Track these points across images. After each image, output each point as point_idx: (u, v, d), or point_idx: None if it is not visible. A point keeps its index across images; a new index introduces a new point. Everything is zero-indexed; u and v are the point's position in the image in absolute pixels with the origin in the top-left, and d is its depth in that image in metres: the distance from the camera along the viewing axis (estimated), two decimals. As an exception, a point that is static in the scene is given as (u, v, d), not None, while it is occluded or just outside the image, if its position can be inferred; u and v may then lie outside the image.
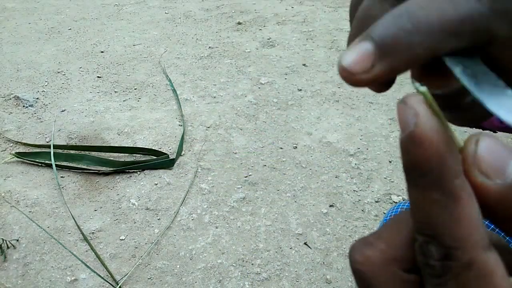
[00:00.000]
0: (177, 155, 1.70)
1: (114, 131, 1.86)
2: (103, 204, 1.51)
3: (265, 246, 1.37)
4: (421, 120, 0.17)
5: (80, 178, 1.62)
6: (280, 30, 2.74)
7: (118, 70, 2.31)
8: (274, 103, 2.04)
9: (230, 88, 2.16)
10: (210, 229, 1.43)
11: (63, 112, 1.98)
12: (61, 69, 2.30)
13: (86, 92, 2.12)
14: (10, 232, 1.40)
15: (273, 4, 3.13)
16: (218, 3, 3.17)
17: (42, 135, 1.83)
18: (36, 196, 1.54)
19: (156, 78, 2.24)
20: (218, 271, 1.30)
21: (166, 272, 1.30)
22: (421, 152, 0.16)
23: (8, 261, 1.31)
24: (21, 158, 1.68)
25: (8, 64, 2.34)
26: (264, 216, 1.47)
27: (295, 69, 2.31)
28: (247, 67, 2.33)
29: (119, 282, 1.26)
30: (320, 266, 1.31)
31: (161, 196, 1.54)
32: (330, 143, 1.80)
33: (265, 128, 1.88)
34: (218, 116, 1.95)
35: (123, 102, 2.05)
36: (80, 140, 1.81)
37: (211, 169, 1.66)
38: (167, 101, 2.06)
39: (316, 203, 1.52)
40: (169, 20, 2.91)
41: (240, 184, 1.59)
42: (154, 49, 2.52)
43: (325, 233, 1.42)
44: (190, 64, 2.37)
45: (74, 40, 2.63)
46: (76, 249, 1.35)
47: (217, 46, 2.56)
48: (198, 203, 1.52)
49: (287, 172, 1.65)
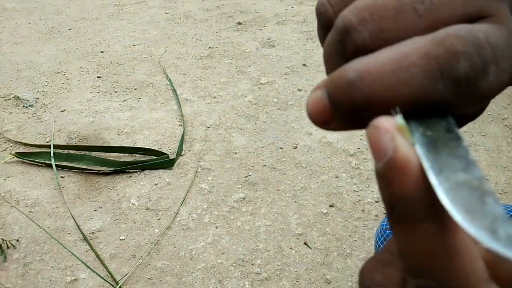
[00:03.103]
0: (177, 155, 1.70)
1: (114, 131, 1.86)
2: (103, 204, 1.51)
3: (265, 246, 1.37)
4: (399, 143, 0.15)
5: (80, 178, 1.62)
6: (280, 30, 2.74)
7: (118, 70, 2.31)
8: (274, 103, 2.04)
9: (230, 88, 2.16)
10: (210, 229, 1.43)
11: (63, 112, 1.98)
12: (61, 69, 2.30)
13: (86, 92, 2.12)
14: (10, 232, 1.40)
15: (273, 4, 3.13)
16: (218, 3, 3.17)
17: (42, 135, 1.83)
18: (36, 196, 1.54)
19: (156, 78, 2.24)
20: (218, 271, 1.30)
21: (166, 272, 1.30)
22: (406, 180, 0.14)
23: (8, 261, 1.31)
24: (21, 158, 1.68)
25: (8, 64, 2.34)
26: (264, 216, 1.47)
27: (295, 69, 2.31)
28: (247, 67, 2.33)
29: (119, 282, 1.26)
30: (320, 266, 1.31)
31: (161, 196, 1.54)
32: (330, 143, 1.80)
33: (265, 128, 1.88)
34: (218, 116, 1.95)
35: (123, 102, 2.05)
36: (80, 140, 1.81)
37: (211, 169, 1.66)
38: (167, 101, 2.06)
39: (316, 203, 1.52)
40: (169, 20, 2.91)
41: (240, 184, 1.59)
42: (154, 49, 2.52)
43: (325, 233, 1.42)
44: (190, 64, 2.37)
45: (74, 40, 2.63)
46: (76, 249, 1.35)
47: (217, 46, 2.56)
48: (198, 203, 1.52)
49: (287, 172, 1.65)
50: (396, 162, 0.15)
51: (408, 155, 0.15)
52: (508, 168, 1.69)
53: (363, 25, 0.17)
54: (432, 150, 0.15)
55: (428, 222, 0.15)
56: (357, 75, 0.16)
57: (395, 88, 0.16)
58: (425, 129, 0.16)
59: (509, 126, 1.92)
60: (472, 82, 0.16)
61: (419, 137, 0.16)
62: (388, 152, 0.15)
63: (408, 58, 0.16)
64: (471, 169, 0.15)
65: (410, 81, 0.16)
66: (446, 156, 0.15)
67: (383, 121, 0.15)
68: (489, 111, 2.01)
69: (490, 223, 0.13)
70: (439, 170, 0.14)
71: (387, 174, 0.15)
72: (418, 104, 0.16)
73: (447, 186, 0.14)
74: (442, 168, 0.14)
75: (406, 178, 0.14)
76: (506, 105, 2.05)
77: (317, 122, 0.18)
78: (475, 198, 0.14)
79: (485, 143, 1.82)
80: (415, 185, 0.14)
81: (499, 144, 1.82)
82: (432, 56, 0.16)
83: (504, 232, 0.13)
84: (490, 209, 0.14)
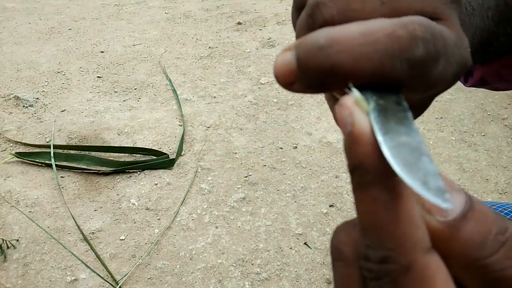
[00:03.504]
0: (177, 155, 1.70)
1: (114, 131, 1.86)
2: (103, 204, 1.51)
3: (265, 246, 1.37)
4: (356, 118, 0.17)
5: (80, 178, 1.62)
6: (280, 30, 2.74)
7: (118, 70, 2.31)
8: (274, 103, 2.04)
9: (230, 88, 2.16)
10: (210, 229, 1.43)
11: (63, 112, 1.98)
12: (61, 69, 2.30)
13: (86, 92, 2.12)
14: (10, 232, 1.40)
15: (273, 4, 3.13)
16: (218, 3, 3.17)
17: (42, 135, 1.83)
18: (36, 196, 1.54)
19: (156, 78, 2.24)
20: (218, 271, 1.30)
21: (166, 272, 1.30)
22: (360, 150, 0.16)
23: (8, 261, 1.31)
24: (21, 158, 1.68)
25: (8, 64, 2.34)
26: (264, 216, 1.47)
27: (295, 69, 2.31)
28: (247, 67, 2.33)
29: (119, 282, 1.26)
30: (320, 266, 1.32)
31: (161, 196, 1.54)
32: (330, 143, 1.80)
33: (265, 128, 1.88)
34: (218, 116, 1.95)
35: (123, 102, 2.05)
36: (80, 140, 1.81)
37: (211, 169, 1.66)
38: (167, 101, 2.06)
39: (316, 203, 1.52)
40: (169, 20, 2.91)
41: (240, 184, 1.59)
42: (154, 49, 2.52)
43: (325, 233, 1.42)
44: (190, 64, 2.37)
45: (74, 40, 2.63)
46: (76, 249, 1.35)
47: (217, 46, 2.56)
48: (198, 203, 1.52)
49: (287, 172, 1.65)
50: (353, 135, 0.16)
51: (363, 129, 0.16)
52: (508, 168, 1.69)
53: (332, 1, 0.19)
54: (382, 117, 0.17)
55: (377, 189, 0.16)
56: (327, 42, 0.18)
57: (358, 60, 0.17)
58: (378, 99, 0.18)
59: (509, 126, 1.92)
60: (424, 66, 0.18)
61: (372, 104, 0.18)
62: (348, 127, 0.17)
63: (375, 34, 0.17)
64: (413, 135, 0.17)
65: (373, 55, 0.17)
66: (394, 123, 0.17)
67: (345, 98, 0.17)
68: (489, 111, 2.01)
69: (423, 176, 0.16)
70: (385, 132, 0.17)
71: (347, 145, 0.17)
72: (375, 78, 0.18)
73: (391, 145, 0.16)
74: (389, 131, 0.17)
75: (360, 148, 0.16)
76: (506, 105, 2.05)
77: (282, 83, 0.19)
78: (413, 157, 0.16)
79: (485, 143, 1.82)
80: (367, 155, 0.16)
81: (499, 144, 1.82)
82: (395, 36, 0.17)
83: (434, 184, 0.16)
84: (424, 166, 0.16)
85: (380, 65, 0.17)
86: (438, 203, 0.15)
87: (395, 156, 0.16)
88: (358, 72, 0.18)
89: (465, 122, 1.94)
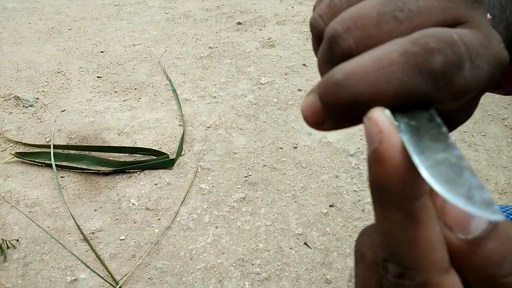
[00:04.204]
0: (177, 155, 1.70)
1: (114, 131, 1.86)
2: (103, 204, 1.51)
3: (265, 246, 1.37)
4: (384, 137, 0.16)
5: (80, 178, 1.62)
6: (280, 30, 2.74)
7: (118, 70, 2.31)
8: (274, 103, 2.04)
9: (230, 88, 2.16)
10: (210, 229, 1.43)
11: (63, 112, 1.98)
12: (61, 69, 2.30)
13: (86, 92, 2.12)
14: (10, 232, 1.40)
15: (273, 4, 3.13)
16: (218, 3, 3.17)
17: (42, 135, 1.83)
18: (36, 196, 1.54)
19: (156, 78, 2.24)
20: (218, 271, 1.30)
21: (166, 272, 1.30)
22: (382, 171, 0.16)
23: (8, 261, 1.31)
24: (21, 158, 1.68)
25: (8, 64, 2.34)
26: (264, 216, 1.47)
27: (295, 69, 2.32)
28: (247, 67, 2.33)
29: (119, 282, 1.26)
30: (320, 266, 1.32)
31: (161, 196, 1.54)
32: (330, 143, 1.80)
33: (265, 128, 1.88)
34: (218, 116, 1.95)
35: (123, 102, 2.05)
36: (80, 140, 1.81)
37: (211, 169, 1.66)
38: (167, 101, 2.06)
39: (316, 203, 1.52)
40: (169, 20, 2.91)
41: (240, 184, 1.59)
42: (154, 49, 2.52)
43: (325, 233, 1.42)
44: (190, 64, 2.37)
45: (74, 40, 2.63)
46: (76, 249, 1.35)
47: (217, 46, 2.56)
48: (198, 203, 1.52)
49: (287, 172, 1.65)
50: (379, 154, 0.16)
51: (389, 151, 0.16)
52: (508, 168, 1.69)
53: (348, 32, 0.19)
54: (415, 137, 0.17)
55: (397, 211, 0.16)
56: (343, 76, 0.18)
57: (377, 85, 0.18)
58: (409, 119, 0.18)
59: (509, 126, 1.92)
60: (448, 76, 0.18)
61: (403, 127, 0.17)
62: (375, 144, 0.16)
63: (388, 57, 0.18)
64: (450, 150, 0.16)
65: (391, 77, 0.17)
66: (428, 141, 0.17)
67: (376, 112, 0.17)
68: (489, 111, 2.01)
69: (467, 191, 0.15)
70: (421, 151, 0.16)
71: (370, 161, 0.17)
72: (401, 98, 0.18)
73: (428, 164, 0.16)
74: (424, 150, 0.16)
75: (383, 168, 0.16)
76: (506, 105, 2.05)
77: (312, 124, 0.20)
78: (454, 172, 0.16)
79: (485, 143, 1.82)
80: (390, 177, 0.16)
81: (499, 144, 1.82)
82: (409, 53, 0.17)
83: (480, 197, 0.15)
84: (467, 180, 0.15)
85: (402, 85, 0.17)
86: (487, 216, 0.14)
87: (433, 175, 0.15)
88: (380, 96, 0.18)
89: (465, 122, 1.94)
